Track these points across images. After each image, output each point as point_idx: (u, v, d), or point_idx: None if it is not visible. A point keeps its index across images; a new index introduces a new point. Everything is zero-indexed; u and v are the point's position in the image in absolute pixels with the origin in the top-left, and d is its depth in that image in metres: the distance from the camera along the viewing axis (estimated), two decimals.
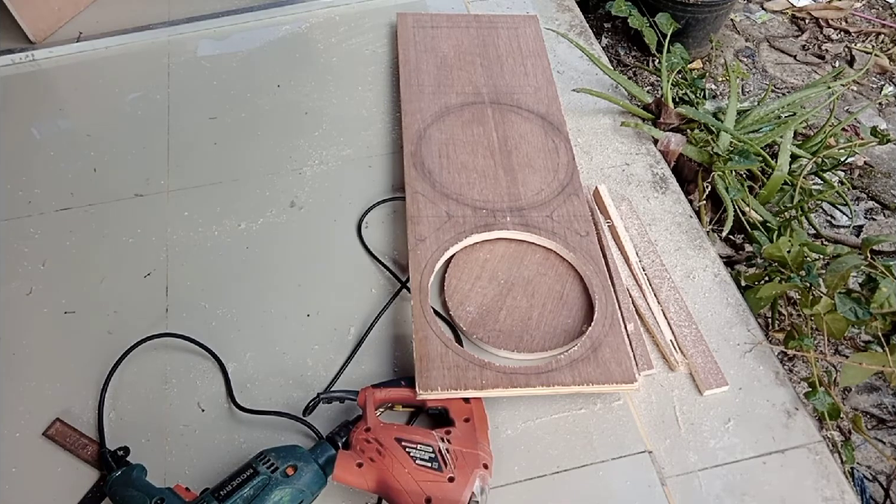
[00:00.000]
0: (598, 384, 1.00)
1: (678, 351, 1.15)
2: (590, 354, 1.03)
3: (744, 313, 1.22)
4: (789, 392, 1.12)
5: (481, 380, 0.99)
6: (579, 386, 1.00)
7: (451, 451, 0.93)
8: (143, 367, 1.10)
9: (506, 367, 1.01)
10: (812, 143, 1.53)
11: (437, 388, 0.98)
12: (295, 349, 1.12)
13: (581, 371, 1.01)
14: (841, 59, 1.90)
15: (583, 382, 1.00)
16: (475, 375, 0.99)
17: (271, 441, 1.01)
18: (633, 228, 1.32)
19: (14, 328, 1.14)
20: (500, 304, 1.13)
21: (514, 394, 0.99)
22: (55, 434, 1.02)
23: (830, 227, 1.54)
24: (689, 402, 1.09)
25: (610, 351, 1.04)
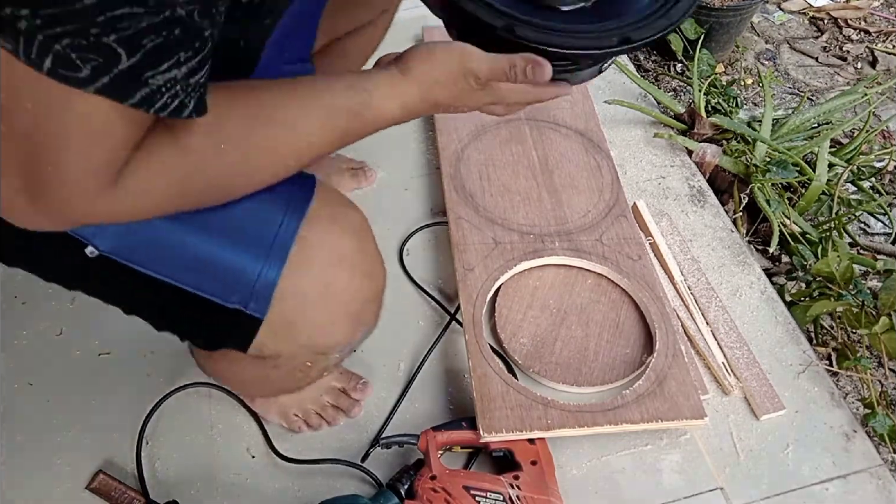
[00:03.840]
0: (666, 421, 0.97)
1: (731, 374, 1.12)
2: (655, 389, 1.00)
3: (793, 331, 1.19)
4: (846, 414, 1.10)
5: (546, 419, 0.95)
6: (647, 423, 0.97)
7: (523, 499, 0.89)
8: (184, 412, 1.05)
9: (570, 405, 0.98)
10: (847, 151, 1.50)
11: (502, 430, 0.94)
12: None
13: (648, 407, 0.98)
14: (863, 59, 1.87)
15: (651, 419, 0.97)
16: (540, 415, 0.96)
17: (328, 488, 0.97)
18: (675, 245, 1.29)
19: (46, 373, 1.09)
20: (555, 334, 1.09)
21: (582, 433, 0.96)
22: (99, 487, 0.97)
23: (865, 235, 1.52)
24: (745, 427, 1.07)
25: (676, 384, 1.01)
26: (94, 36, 0.45)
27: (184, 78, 0.49)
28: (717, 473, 1.01)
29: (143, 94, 0.48)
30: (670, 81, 1.78)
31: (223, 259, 0.67)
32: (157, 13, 0.45)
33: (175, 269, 0.68)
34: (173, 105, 0.50)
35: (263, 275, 0.68)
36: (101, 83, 0.47)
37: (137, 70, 0.47)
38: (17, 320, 1.15)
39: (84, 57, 0.45)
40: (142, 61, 0.47)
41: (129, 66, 0.46)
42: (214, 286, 0.69)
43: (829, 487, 1.01)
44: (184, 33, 0.47)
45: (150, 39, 0.46)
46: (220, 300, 0.69)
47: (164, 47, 0.47)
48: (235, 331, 0.71)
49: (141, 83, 0.47)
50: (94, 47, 0.45)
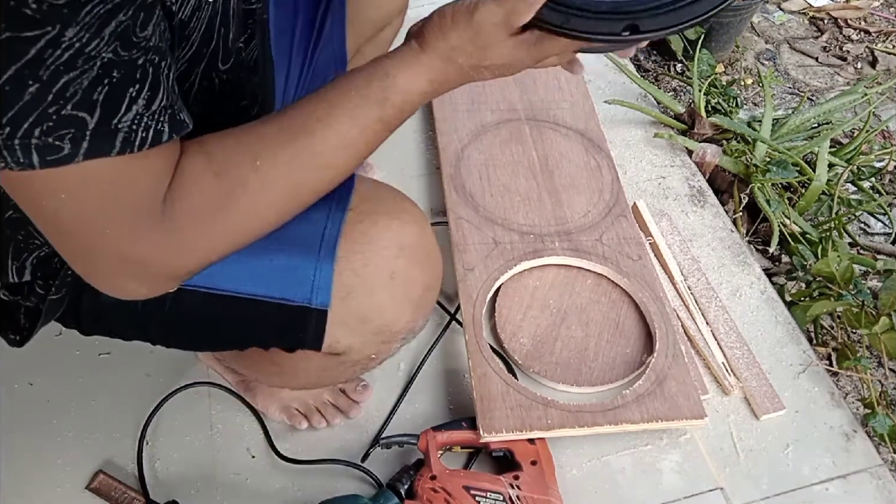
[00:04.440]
0: (666, 421, 0.97)
1: (731, 374, 1.12)
2: (655, 389, 1.00)
3: (793, 331, 1.19)
4: (846, 414, 1.10)
5: (547, 419, 0.95)
6: (648, 423, 0.97)
7: (523, 499, 0.89)
8: (184, 412, 1.05)
9: (570, 405, 0.98)
10: (847, 151, 1.50)
11: (502, 430, 0.94)
12: None
13: (648, 407, 0.98)
14: (863, 59, 1.87)
15: (651, 419, 0.97)
16: (540, 415, 0.96)
17: (328, 488, 0.97)
18: (675, 245, 1.29)
19: (46, 373, 1.09)
20: (555, 334, 1.09)
21: (582, 433, 0.96)
22: (99, 487, 0.97)
23: (865, 235, 1.52)
24: (745, 427, 1.07)
25: (676, 384, 1.01)
26: (54, 114, 0.48)
27: (145, 109, 0.52)
28: (717, 473, 1.01)
29: (122, 139, 0.51)
30: (670, 81, 1.78)
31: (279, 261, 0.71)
32: (90, 68, 0.48)
33: (240, 281, 0.72)
34: (150, 136, 0.53)
35: (319, 267, 0.72)
36: (83, 149, 0.50)
37: (105, 122, 0.50)
38: None
39: (59, 136, 0.49)
40: (103, 113, 0.50)
41: (96, 123, 0.50)
42: (278, 289, 0.73)
43: (829, 487, 1.01)
44: (121, 72, 0.50)
45: (98, 92, 0.49)
46: (286, 301, 0.73)
47: (114, 92, 0.50)
48: (308, 328, 0.74)
49: (114, 131, 0.51)
50: (61, 123, 0.49)
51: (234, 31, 0.67)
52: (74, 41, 0.47)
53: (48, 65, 0.47)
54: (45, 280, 0.71)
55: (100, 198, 0.54)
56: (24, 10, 0.45)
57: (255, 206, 0.62)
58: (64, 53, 0.47)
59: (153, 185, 0.56)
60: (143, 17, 0.50)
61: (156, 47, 0.52)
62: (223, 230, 0.62)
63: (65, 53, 0.47)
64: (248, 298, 0.73)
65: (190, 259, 0.62)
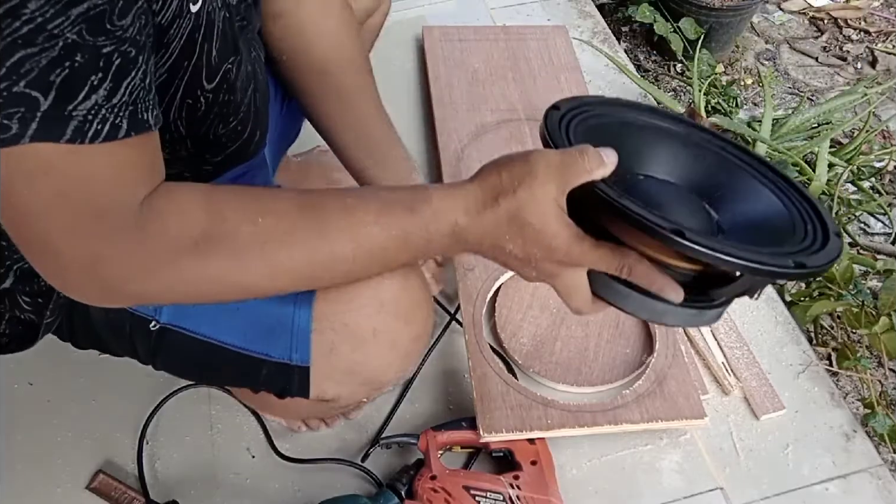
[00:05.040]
0: (666, 420, 0.97)
1: (731, 374, 1.12)
2: (655, 388, 1.00)
3: (793, 331, 1.19)
4: (846, 414, 1.10)
5: (547, 420, 0.95)
6: (648, 423, 0.97)
7: (523, 499, 0.89)
8: (184, 412, 1.05)
9: (570, 405, 0.98)
10: (847, 151, 1.51)
11: (502, 429, 0.94)
12: None
13: (648, 407, 0.98)
14: (863, 59, 1.87)
15: (651, 419, 0.97)
16: (540, 415, 0.96)
17: (327, 488, 0.96)
18: None
19: (45, 373, 1.09)
20: (555, 334, 1.09)
21: (582, 433, 0.96)
22: (99, 487, 0.97)
23: (865, 235, 1.52)
24: (745, 427, 1.07)
25: (676, 384, 1.01)
26: (5, 90, 0.45)
27: (105, 101, 0.49)
28: (717, 473, 1.01)
29: (74, 127, 0.48)
30: (670, 81, 1.79)
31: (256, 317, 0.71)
32: (51, 46, 0.45)
33: (220, 330, 0.72)
34: (105, 129, 0.50)
35: (297, 325, 0.71)
36: (31, 130, 0.47)
37: (58, 107, 0.47)
38: None
39: (7, 114, 0.46)
40: (58, 97, 0.47)
41: (49, 106, 0.47)
42: (257, 343, 0.72)
43: (829, 487, 1.01)
44: (85, 58, 0.47)
45: (57, 74, 0.46)
46: (266, 356, 0.73)
47: (73, 77, 0.47)
48: (292, 381, 0.74)
49: (67, 118, 0.48)
50: (11, 100, 0.46)
51: (219, 50, 0.64)
52: (36, 14, 0.44)
53: (5, 36, 0.44)
54: (33, 298, 0.71)
55: (53, 189, 0.50)
56: None
57: (238, 261, 0.58)
58: (24, 27, 0.44)
59: (113, 187, 0.53)
60: (122, 5, 0.48)
61: (132, 39, 0.49)
62: (193, 272, 0.57)
63: (24, 27, 0.44)
64: (228, 349, 0.72)
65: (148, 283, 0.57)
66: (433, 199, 0.60)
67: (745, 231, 0.64)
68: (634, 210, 0.55)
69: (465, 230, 0.60)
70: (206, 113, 0.67)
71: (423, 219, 0.60)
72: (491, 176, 0.59)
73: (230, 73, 0.67)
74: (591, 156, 0.57)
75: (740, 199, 0.67)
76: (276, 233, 0.58)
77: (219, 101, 0.67)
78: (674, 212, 0.62)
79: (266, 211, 0.58)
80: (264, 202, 0.59)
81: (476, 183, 0.60)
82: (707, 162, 0.69)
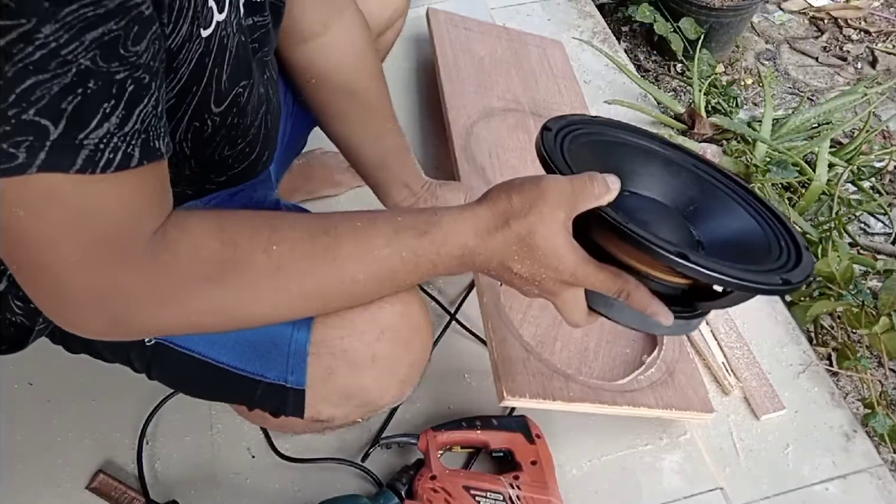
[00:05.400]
0: (679, 410, 0.96)
1: (731, 374, 1.12)
2: (667, 378, 0.99)
3: (794, 331, 1.19)
4: (846, 414, 1.10)
5: (568, 391, 0.91)
6: (662, 410, 0.95)
7: (523, 499, 0.89)
8: (184, 412, 1.05)
9: (589, 382, 0.95)
10: (847, 151, 1.50)
11: (525, 394, 0.87)
12: None
13: (662, 395, 0.97)
14: (863, 59, 1.87)
15: (665, 407, 0.95)
16: (561, 386, 0.91)
17: (327, 487, 0.97)
18: None
19: (45, 373, 1.09)
20: (555, 334, 1.09)
21: (599, 411, 0.93)
22: (99, 487, 0.97)
23: (865, 235, 1.52)
24: (745, 427, 1.07)
25: (685, 377, 1.01)
26: (13, 118, 0.43)
27: (117, 129, 0.47)
28: (717, 473, 1.01)
29: (85, 157, 0.46)
30: (670, 81, 1.78)
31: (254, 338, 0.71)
32: (64, 73, 0.43)
33: (215, 349, 0.72)
34: (117, 158, 0.48)
35: (294, 349, 0.71)
36: (39, 160, 0.45)
37: (69, 136, 0.45)
38: None
39: (14, 142, 0.44)
40: (69, 125, 0.45)
41: (59, 135, 0.45)
42: (253, 364, 0.72)
43: (829, 487, 1.01)
44: (98, 84, 0.45)
45: (69, 101, 0.44)
46: (261, 377, 0.72)
47: (86, 105, 0.45)
48: (287, 402, 0.74)
49: (77, 146, 0.46)
50: (20, 128, 0.44)
51: (230, 75, 0.63)
52: (50, 40, 0.42)
53: (16, 61, 0.42)
54: (25, 302, 0.70)
55: (61, 221, 0.48)
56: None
57: (252, 289, 0.57)
58: (37, 52, 0.42)
59: (123, 218, 0.51)
60: (137, 31, 0.46)
61: (146, 65, 0.48)
62: (205, 302, 0.56)
63: (37, 52, 0.42)
64: (223, 368, 0.72)
65: (157, 315, 0.56)
66: (444, 222, 0.61)
67: (724, 247, 0.68)
68: (640, 234, 0.58)
69: (474, 252, 0.61)
70: (212, 135, 0.66)
71: (434, 242, 0.61)
72: (501, 200, 0.61)
73: (241, 97, 0.66)
74: (599, 183, 0.60)
75: (716, 215, 0.71)
76: (289, 261, 0.58)
77: (227, 123, 0.66)
78: (659, 228, 0.65)
79: (279, 239, 0.58)
80: (277, 230, 0.58)
81: (486, 205, 0.61)
82: (685, 180, 0.73)
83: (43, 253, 0.50)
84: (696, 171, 0.74)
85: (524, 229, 0.60)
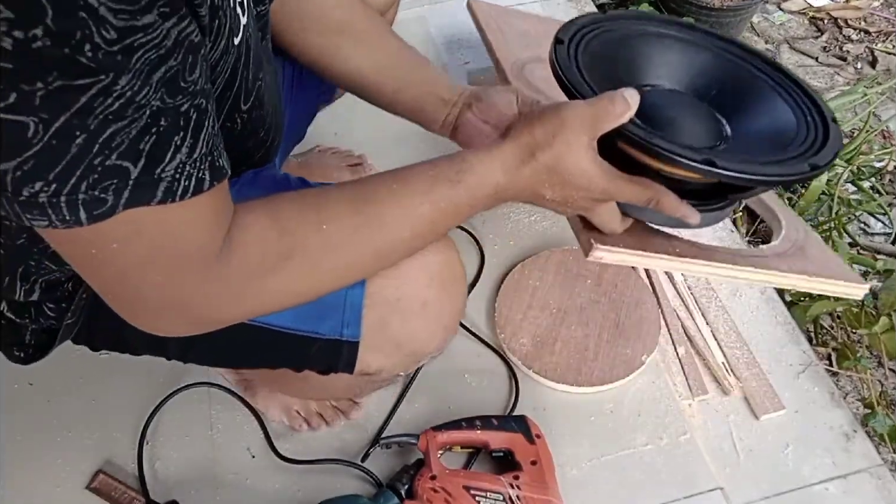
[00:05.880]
0: (819, 277, 0.78)
1: (731, 374, 1.12)
2: (797, 252, 0.83)
3: (793, 331, 1.19)
4: (846, 414, 1.10)
5: (672, 247, 0.74)
6: (798, 275, 0.77)
7: (523, 499, 0.89)
8: (184, 412, 1.05)
9: (698, 243, 0.78)
10: (846, 151, 1.50)
11: (619, 245, 0.70)
12: None
13: (794, 263, 0.80)
14: (863, 59, 1.87)
15: (801, 272, 0.78)
16: (663, 241, 0.74)
17: (327, 488, 0.97)
18: None
19: (46, 372, 1.08)
20: (555, 334, 1.09)
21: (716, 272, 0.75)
22: (99, 487, 0.97)
23: (865, 235, 1.52)
24: (745, 427, 1.07)
25: (818, 252, 0.85)
26: (100, 166, 0.46)
27: (188, 157, 0.50)
28: (717, 473, 1.01)
29: (164, 189, 0.49)
30: None
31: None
32: (140, 117, 0.46)
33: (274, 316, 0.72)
34: (192, 185, 0.51)
35: (349, 302, 0.73)
36: (124, 199, 0.48)
37: (148, 172, 0.48)
38: None
39: (103, 188, 0.47)
40: (148, 163, 0.48)
41: (139, 173, 0.48)
42: (307, 322, 0.74)
43: (829, 487, 1.01)
44: (168, 120, 0.48)
45: (146, 142, 0.47)
46: (316, 334, 0.74)
47: (160, 142, 0.48)
48: (339, 357, 0.76)
49: (156, 181, 0.49)
50: (106, 174, 0.46)
51: (253, 72, 0.66)
52: (126, 89, 0.44)
53: (97, 114, 0.44)
54: (57, 304, 0.71)
55: (146, 247, 0.52)
56: (78, 57, 0.42)
57: (314, 269, 0.61)
58: (115, 102, 0.44)
59: (200, 235, 0.55)
60: (191, 61, 0.48)
61: (202, 90, 0.50)
62: (276, 289, 0.60)
63: (115, 102, 0.44)
64: (277, 330, 0.73)
65: (237, 311, 0.61)
66: (475, 167, 0.64)
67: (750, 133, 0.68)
68: (664, 147, 0.60)
69: (506, 188, 0.65)
70: (241, 132, 0.68)
71: (469, 188, 0.64)
72: (524, 134, 0.63)
73: (261, 90, 0.69)
74: (618, 103, 0.61)
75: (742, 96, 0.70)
76: (341, 237, 0.61)
77: (252, 117, 0.69)
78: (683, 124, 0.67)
79: (327, 218, 0.61)
80: (322, 208, 0.62)
81: (510, 142, 0.64)
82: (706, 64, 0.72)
83: (129, 277, 0.54)
84: (717, 51, 0.73)
85: (551, 159, 0.62)
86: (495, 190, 0.64)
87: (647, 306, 1.13)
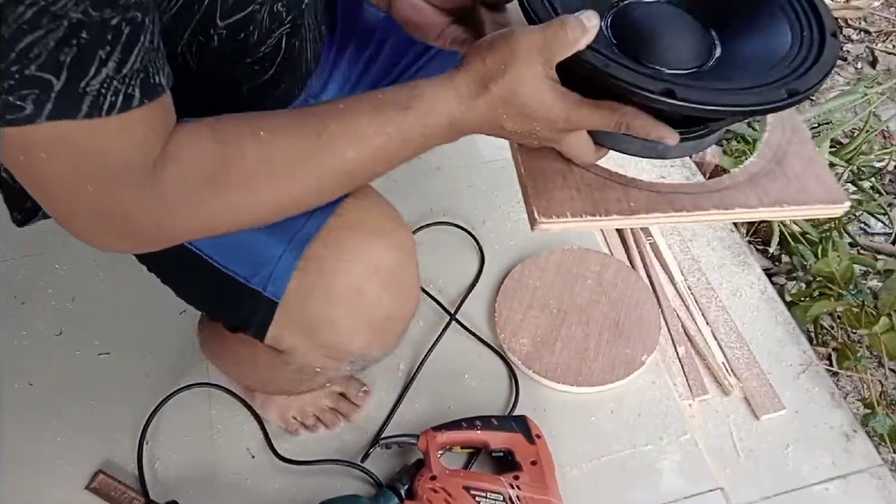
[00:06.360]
0: (794, 205, 0.69)
1: (731, 374, 1.12)
2: (774, 168, 0.73)
3: (794, 332, 1.19)
4: (847, 414, 1.10)
5: (628, 202, 0.67)
6: (770, 208, 0.69)
7: (523, 499, 0.89)
8: (185, 413, 1.05)
9: (658, 185, 0.70)
10: (847, 151, 1.50)
11: (566, 213, 0.65)
12: None
13: (767, 189, 0.70)
14: (863, 59, 1.87)
15: (773, 203, 0.69)
16: (619, 197, 0.68)
17: (327, 488, 0.97)
18: (675, 245, 1.29)
19: (45, 373, 1.09)
20: (555, 334, 1.09)
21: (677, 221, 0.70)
22: (99, 487, 0.97)
23: (865, 235, 1.52)
24: (745, 427, 1.07)
25: (801, 163, 0.73)
26: (17, 73, 0.46)
27: (116, 72, 0.49)
28: (717, 473, 1.01)
29: (89, 103, 0.49)
30: None
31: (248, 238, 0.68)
32: (57, 28, 0.46)
33: (216, 249, 0.71)
34: (119, 100, 0.50)
35: (283, 260, 0.69)
36: (47, 110, 0.48)
37: (71, 85, 0.48)
38: (17, 320, 1.15)
39: (21, 95, 0.47)
40: (70, 76, 0.47)
41: (62, 86, 0.48)
42: (239, 264, 0.71)
43: (829, 487, 1.01)
44: (90, 34, 0.47)
45: (65, 53, 0.47)
46: (243, 278, 0.71)
47: (82, 56, 0.47)
48: (255, 313, 0.72)
49: (80, 95, 0.49)
50: (24, 83, 0.47)
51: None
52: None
53: (10, 22, 0.44)
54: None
55: (74, 159, 0.52)
56: None
57: (252, 180, 0.59)
58: (27, 11, 0.44)
59: (130, 149, 0.54)
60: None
61: (138, 3, 0.49)
62: (214, 201, 0.59)
63: (28, 11, 0.44)
64: (206, 259, 0.71)
65: (174, 225, 0.59)
66: (425, 95, 0.61)
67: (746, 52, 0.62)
68: (621, 78, 0.56)
69: (462, 119, 0.61)
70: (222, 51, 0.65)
71: (419, 115, 0.61)
72: (475, 63, 0.60)
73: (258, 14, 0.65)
74: (572, 26, 0.57)
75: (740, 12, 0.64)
76: (277, 144, 0.59)
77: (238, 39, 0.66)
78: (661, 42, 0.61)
79: (266, 126, 0.59)
80: (264, 119, 0.60)
81: (462, 71, 0.61)
82: None
83: (58, 189, 0.54)
84: None
85: (505, 90, 0.59)
86: (449, 121, 0.61)
87: (647, 306, 1.13)
